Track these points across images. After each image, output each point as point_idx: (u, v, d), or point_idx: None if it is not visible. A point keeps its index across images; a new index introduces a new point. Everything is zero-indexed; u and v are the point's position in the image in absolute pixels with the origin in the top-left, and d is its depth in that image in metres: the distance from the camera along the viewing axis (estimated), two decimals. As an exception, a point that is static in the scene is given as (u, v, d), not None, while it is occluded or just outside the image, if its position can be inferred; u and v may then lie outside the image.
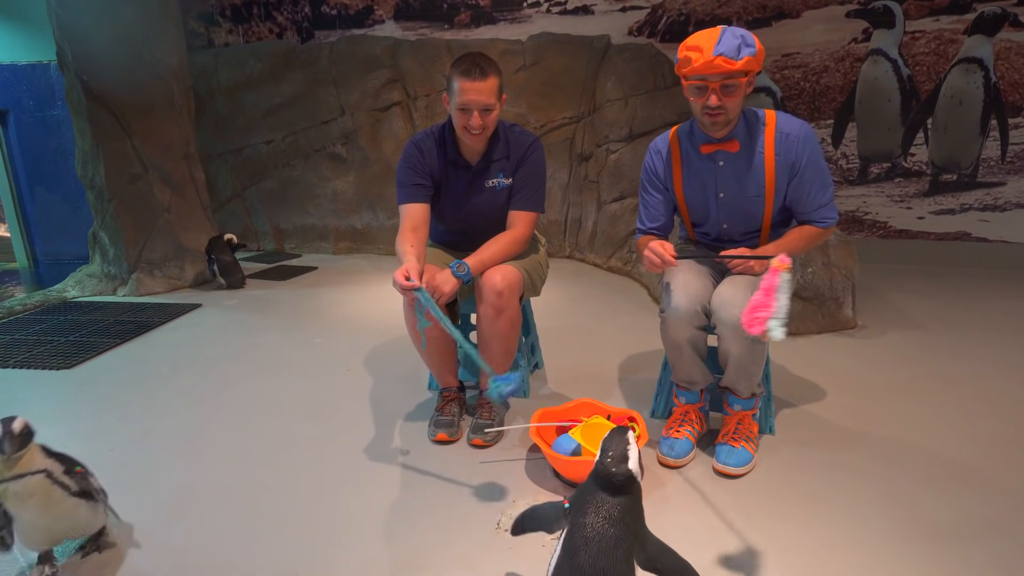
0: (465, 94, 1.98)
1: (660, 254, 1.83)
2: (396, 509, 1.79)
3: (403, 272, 1.81)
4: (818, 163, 1.93)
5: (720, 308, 1.84)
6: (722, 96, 1.80)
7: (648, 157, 2.12)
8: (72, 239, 5.40)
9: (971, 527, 1.67)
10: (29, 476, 1.42)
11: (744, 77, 1.79)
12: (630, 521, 1.27)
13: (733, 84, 1.79)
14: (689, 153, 2.02)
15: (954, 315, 3.42)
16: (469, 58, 2.01)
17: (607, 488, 1.29)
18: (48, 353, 3.08)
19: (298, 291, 4.22)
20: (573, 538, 1.26)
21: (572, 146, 4.96)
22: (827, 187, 1.96)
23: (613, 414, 2.06)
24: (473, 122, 2.01)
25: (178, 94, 4.33)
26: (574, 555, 1.24)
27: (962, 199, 4.62)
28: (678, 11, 4.91)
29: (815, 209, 1.96)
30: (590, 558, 1.22)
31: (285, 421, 2.35)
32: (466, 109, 2.00)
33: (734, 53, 1.74)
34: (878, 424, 2.22)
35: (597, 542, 1.23)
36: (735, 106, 1.85)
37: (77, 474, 1.52)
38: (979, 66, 4.40)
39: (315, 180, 5.41)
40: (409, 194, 2.13)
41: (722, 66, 1.75)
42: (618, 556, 1.23)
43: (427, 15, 5.45)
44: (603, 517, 1.26)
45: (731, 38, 1.75)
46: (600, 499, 1.28)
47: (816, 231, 1.98)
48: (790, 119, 1.94)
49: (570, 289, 4.07)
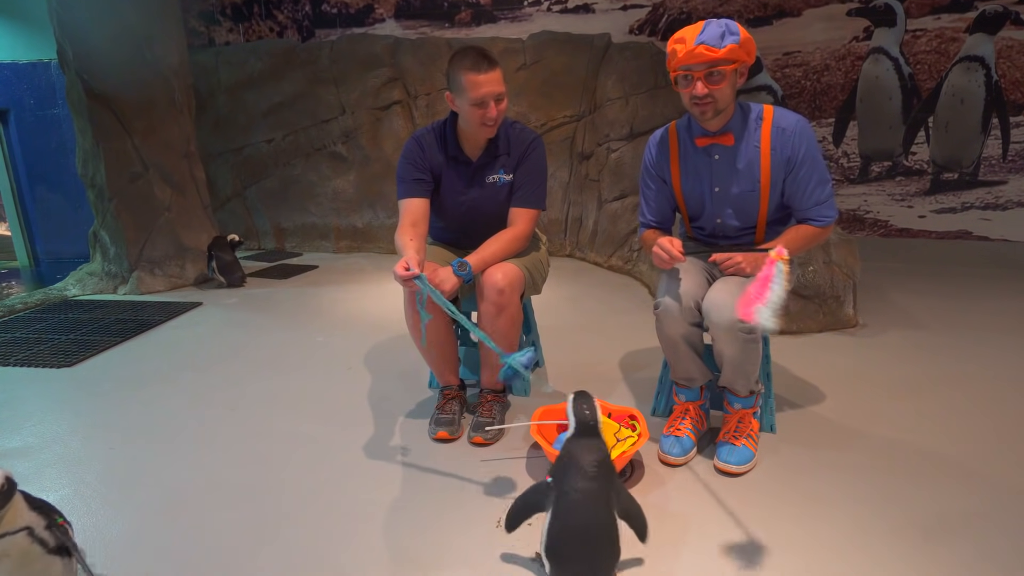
0: (480, 87, 1.98)
1: (668, 250, 1.84)
2: (397, 507, 1.79)
3: (403, 263, 1.81)
4: (814, 158, 1.92)
5: (712, 310, 1.84)
6: (708, 85, 1.81)
7: (647, 150, 2.12)
8: (73, 238, 5.41)
9: (972, 527, 1.66)
10: (10, 536, 1.28)
11: (730, 65, 1.79)
12: (606, 474, 1.45)
13: (718, 72, 1.79)
14: (687, 146, 2.02)
15: (955, 314, 3.42)
16: (472, 52, 2.01)
17: (587, 435, 1.49)
18: (49, 351, 3.08)
19: (299, 290, 4.22)
20: (561, 503, 1.42)
21: (573, 145, 4.96)
22: (824, 183, 1.94)
23: (614, 412, 2.06)
24: (491, 113, 2.01)
25: (179, 93, 4.33)
26: (565, 518, 1.40)
27: (963, 198, 4.62)
28: (679, 9, 4.91)
29: (812, 206, 1.95)
30: (580, 518, 1.40)
31: (286, 419, 2.35)
32: (483, 102, 2.00)
33: (716, 41, 1.76)
34: (879, 423, 2.22)
35: (583, 500, 1.40)
36: (724, 95, 1.84)
37: (59, 527, 1.40)
38: (980, 64, 4.39)
39: (316, 179, 5.41)
40: (409, 189, 2.13)
41: (704, 54, 1.76)
42: (600, 507, 1.41)
43: (428, 14, 5.45)
44: (585, 477, 1.42)
45: (715, 28, 1.77)
46: (578, 463, 1.44)
47: (814, 231, 1.96)
48: (787, 113, 1.93)
49: (571, 288, 4.07)
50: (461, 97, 2.03)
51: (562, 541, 1.41)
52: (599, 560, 1.40)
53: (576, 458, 1.45)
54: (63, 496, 1.88)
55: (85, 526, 1.73)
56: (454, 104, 2.08)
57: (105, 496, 1.88)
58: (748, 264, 1.87)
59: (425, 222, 2.12)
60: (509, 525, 1.52)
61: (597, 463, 1.44)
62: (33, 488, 1.91)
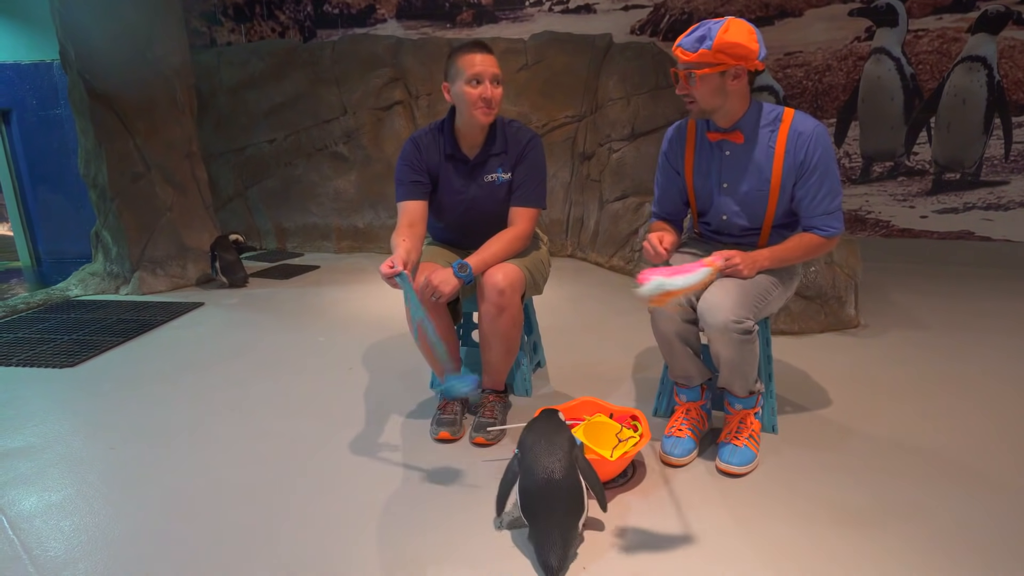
0: (475, 65, 2.02)
1: (655, 246, 1.91)
2: (398, 507, 1.79)
3: (388, 262, 1.83)
4: (828, 166, 1.90)
5: (706, 312, 1.84)
6: (687, 85, 1.86)
7: (665, 140, 2.14)
8: (75, 238, 5.42)
9: (974, 530, 1.66)
10: None
11: (701, 69, 1.81)
12: (566, 433, 1.65)
13: (693, 76, 1.83)
14: (702, 139, 2.04)
15: (957, 314, 3.41)
16: (468, 41, 2.08)
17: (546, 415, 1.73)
18: (51, 351, 3.08)
19: (300, 290, 4.23)
20: (525, 462, 1.60)
21: (574, 145, 4.96)
22: (835, 195, 1.92)
23: (615, 412, 2.06)
24: (486, 92, 2.02)
25: (181, 93, 4.34)
26: (529, 474, 1.58)
27: (965, 198, 4.61)
28: (680, 10, 4.91)
29: (819, 215, 1.93)
30: (541, 470, 1.56)
31: (287, 420, 2.35)
32: (479, 79, 2.02)
33: (691, 45, 1.82)
34: (880, 424, 2.22)
35: (547, 457, 1.57)
36: (703, 96, 1.87)
37: None
38: (982, 65, 4.38)
39: (317, 179, 5.42)
40: (406, 191, 2.14)
41: (680, 57, 1.84)
42: (559, 459, 1.57)
43: (429, 14, 5.45)
44: (547, 436, 1.63)
45: (698, 31, 1.81)
46: (537, 429, 1.65)
47: (817, 241, 1.95)
48: (806, 118, 1.93)
49: (572, 288, 4.07)
50: (458, 80, 2.05)
51: (529, 495, 1.56)
52: (562, 508, 1.54)
53: (534, 426, 1.68)
54: (66, 496, 1.88)
55: (87, 526, 1.74)
56: (449, 94, 2.10)
57: (107, 496, 1.88)
58: (746, 267, 1.87)
59: (422, 223, 2.13)
60: (497, 505, 1.69)
61: (554, 426, 1.66)
62: (35, 488, 1.93)
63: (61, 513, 1.80)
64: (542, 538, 1.52)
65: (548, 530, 1.52)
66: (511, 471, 1.65)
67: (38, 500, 1.87)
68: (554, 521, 1.53)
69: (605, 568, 1.53)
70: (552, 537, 1.51)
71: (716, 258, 1.81)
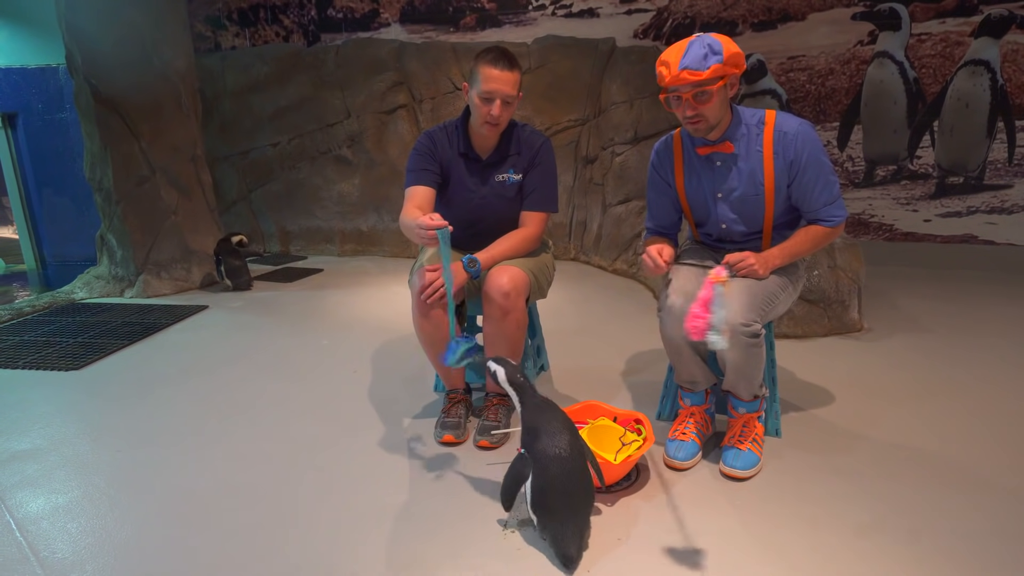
0: (489, 82, 2.01)
1: (654, 258, 1.89)
2: (402, 511, 1.80)
3: (428, 216, 1.78)
4: (818, 160, 1.91)
5: None
6: (696, 104, 1.82)
7: (653, 156, 2.14)
8: (80, 241, 5.43)
9: (976, 534, 1.66)
10: None
11: (715, 84, 1.79)
12: (570, 427, 1.65)
13: (705, 93, 1.80)
14: (690, 153, 2.04)
15: (960, 318, 3.41)
16: (497, 49, 2.06)
17: (531, 396, 1.72)
18: (56, 354, 3.09)
19: (304, 293, 4.24)
20: (539, 463, 1.59)
21: (577, 149, 4.97)
22: (831, 185, 1.94)
23: (619, 416, 2.06)
24: (494, 111, 2.03)
25: (185, 97, 4.36)
26: (545, 473, 1.57)
27: (969, 202, 4.61)
28: (683, 14, 4.92)
29: (821, 207, 1.95)
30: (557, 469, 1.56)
31: (291, 422, 2.36)
32: (489, 98, 2.03)
33: (699, 64, 1.76)
34: (884, 428, 2.22)
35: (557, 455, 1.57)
36: (713, 111, 1.85)
37: None
38: (986, 68, 4.39)
39: (321, 182, 5.43)
40: (416, 178, 2.15)
41: (688, 78, 1.77)
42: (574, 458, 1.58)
43: (433, 18, 5.47)
44: (551, 435, 1.60)
45: (697, 48, 1.77)
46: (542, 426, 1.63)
47: (823, 231, 1.97)
48: (788, 118, 1.94)
49: (575, 291, 4.08)
50: (474, 87, 2.06)
51: (544, 494, 1.57)
52: (579, 503, 1.58)
53: (538, 423, 1.65)
54: (72, 498, 1.89)
55: (94, 528, 1.75)
56: (468, 94, 2.11)
57: (114, 498, 1.89)
58: (761, 266, 1.88)
59: (430, 208, 2.12)
60: (506, 504, 1.70)
61: (559, 420, 1.64)
62: (42, 490, 1.94)
63: (68, 515, 1.81)
64: (559, 531, 1.55)
65: (564, 523, 1.55)
66: (518, 470, 1.66)
67: (45, 502, 1.88)
68: (570, 513, 1.56)
69: (608, 571, 1.53)
70: (569, 529, 1.55)
71: (719, 271, 1.74)
